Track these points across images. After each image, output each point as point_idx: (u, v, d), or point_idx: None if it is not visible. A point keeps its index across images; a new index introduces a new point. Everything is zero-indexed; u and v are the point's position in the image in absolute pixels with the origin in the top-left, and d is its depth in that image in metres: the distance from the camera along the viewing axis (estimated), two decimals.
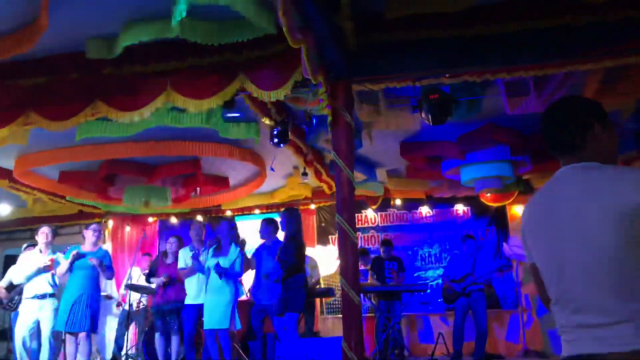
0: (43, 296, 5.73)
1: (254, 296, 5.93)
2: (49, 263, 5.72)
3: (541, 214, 1.66)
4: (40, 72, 4.51)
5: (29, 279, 5.72)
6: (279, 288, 5.34)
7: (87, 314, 5.49)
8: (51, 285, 5.86)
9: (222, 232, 5.80)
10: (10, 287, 6.05)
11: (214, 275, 5.54)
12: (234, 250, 5.66)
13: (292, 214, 5.50)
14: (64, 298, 5.59)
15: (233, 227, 5.80)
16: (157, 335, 6.51)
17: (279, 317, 5.20)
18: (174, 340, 6.43)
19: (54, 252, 5.91)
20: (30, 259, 5.83)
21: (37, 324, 5.69)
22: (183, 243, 6.82)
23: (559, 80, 4.80)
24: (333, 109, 4.30)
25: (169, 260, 6.61)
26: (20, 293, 5.93)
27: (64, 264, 5.65)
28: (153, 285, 6.61)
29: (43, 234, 5.90)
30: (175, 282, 6.54)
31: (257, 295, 5.84)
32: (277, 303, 5.24)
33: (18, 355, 5.59)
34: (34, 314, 5.64)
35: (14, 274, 5.92)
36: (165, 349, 6.49)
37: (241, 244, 5.74)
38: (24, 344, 5.61)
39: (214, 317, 5.44)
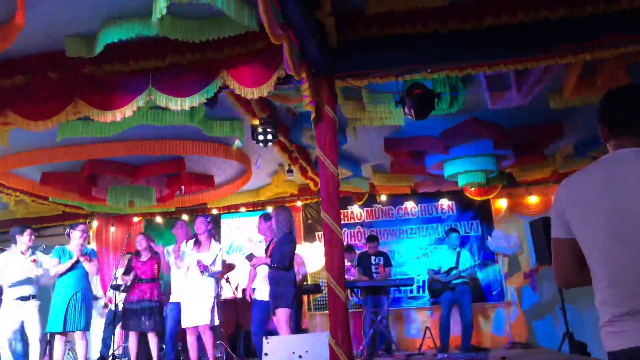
0: (26, 298, 5.66)
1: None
2: (35, 267, 5.66)
3: (600, 190, 1.62)
4: (18, 71, 4.43)
5: (20, 284, 5.65)
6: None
7: (82, 312, 5.48)
8: (33, 287, 5.79)
9: (198, 228, 5.80)
10: None
11: (192, 271, 5.53)
12: (214, 246, 5.66)
13: (282, 212, 5.51)
14: (56, 299, 5.54)
15: (210, 221, 5.78)
16: (131, 334, 6.40)
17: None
18: (151, 338, 6.32)
19: (33, 252, 5.85)
20: (12, 261, 5.74)
21: (22, 326, 5.62)
22: (152, 239, 6.78)
23: (539, 74, 4.86)
24: (316, 105, 4.30)
25: (144, 259, 6.50)
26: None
27: (63, 266, 5.60)
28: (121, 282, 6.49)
29: (29, 236, 5.83)
30: (150, 281, 6.43)
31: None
32: (270, 299, 5.26)
33: (3, 358, 5.52)
34: (18, 316, 5.58)
35: (2, 278, 5.81)
36: (138, 349, 6.38)
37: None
38: (9, 345, 5.54)
39: (195, 314, 5.43)
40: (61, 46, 4.17)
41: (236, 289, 7.86)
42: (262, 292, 5.61)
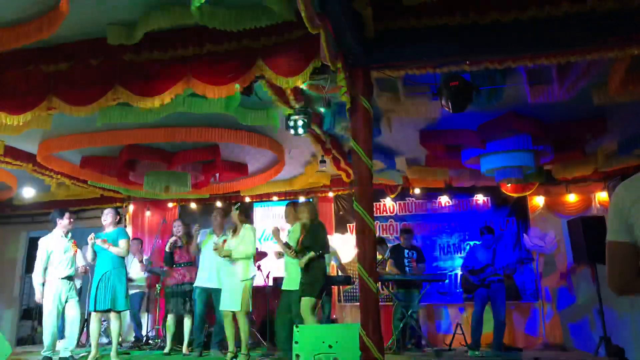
0: (68, 278, 5.87)
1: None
2: (74, 248, 5.90)
3: None
4: (62, 57, 4.56)
5: (61, 264, 5.86)
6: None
7: (110, 292, 5.64)
8: (75, 268, 6.01)
9: (233, 218, 5.91)
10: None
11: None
12: (244, 230, 5.74)
13: (307, 202, 5.62)
14: (93, 279, 5.77)
15: (237, 209, 5.87)
16: (169, 316, 6.62)
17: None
18: (187, 321, 6.55)
19: (72, 235, 6.06)
20: (54, 243, 5.95)
21: (64, 305, 5.84)
22: (187, 225, 6.99)
23: (583, 68, 4.69)
24: (352, 96, 4.27)
25: (180, 244, 6.75)
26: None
27: (89, 251, 5.85)
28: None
29: (68, 219, 6.03)
30: (188, 264, 6.68)
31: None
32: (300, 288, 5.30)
33: (47, 333, 5.73)
34: (64, 294, 5.80)
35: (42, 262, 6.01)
36: (175, 330, 6.62)
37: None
38: (52, 324, 5.75)
39: (230, 299, 5.52)
40: (103, 33, 4.27)
41: (267, 276, 7.93)
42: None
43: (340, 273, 8.04)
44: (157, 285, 7.93)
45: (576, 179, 8.32)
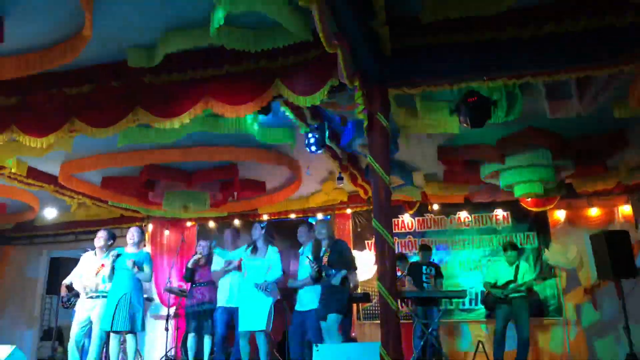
0: (96, 296, 5.88)
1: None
2: (100, 267, 5.90)
3: None
4: (84, 80, 4.66)
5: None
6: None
7: (129, 313, 5.63)
8: (104, 285, 6.00)
9: (255, 235, 5.84)
10: (70, 287, 6.28)
11: (249, 276, 5.59)
12: (271, 252, 5.69)
13: (323, 221, 5.61)
14: (108, 298, 5.75)
15: (263, 227, 5.81)
16: (190, 335, 6.62)
17: (320, 321, 5.18)
18: (207, 340, 6.54)
19: (107, 256, 6.06)
20: (87, 262, 6.02)
21: (90, 323, 5.84)
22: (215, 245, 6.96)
23: (603, 83, 4.65)
24: (369, 113, 4.29)
25: (202, 263, 6.74)
26: (78, 295, 6.12)
27: (107, 267, 5.84)
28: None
29: (98, 239, 6.07)
30: (208, 284, 6.66)
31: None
32: (319, 306, 5.22)
33: (70, 354, 5.75)
34: (87, 313, 5.81)
35: (74, 276, 6.09)
36: (196, 349, 6.60)
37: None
38: (77, 342, 5.77)
39: (250, 319, 5.47)
40: (123, 56, 4.35)
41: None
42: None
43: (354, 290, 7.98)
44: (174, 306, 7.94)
45: (598, 192, 8.20)
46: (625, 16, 3.70)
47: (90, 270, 5.91)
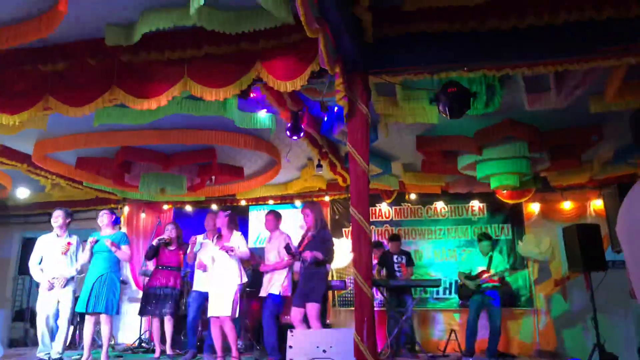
0: (64, 278, 5.79)
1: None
2: (66, 247, 5.79)
3: None
4: (59, 57, 4.54)
5: (55, 265, 5.79)
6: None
7: (105, 295, 5.59)
8: (70, 268, 5.91)
9: (219, 222, 5.85)
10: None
11: (218, 263, 5.61)
12: (235, 235, 5.70)
13: (318, 207, 5.63)
14: (86, 280, 5.69)
15: (227, 215, 5.82)
16: (154, 320, 6.57)
17: (296, 308, 5.22)
18: (167, 323, 6.50)
19: (70, 235, 5.97)
20: (49, 244, 5.89)
21: (57, 306, 5.77)
22: (181, 230, 6.89)
23: (581, 77, 4.71)
24: (349, 101, 4.27)
25: (171, 247, 6.71)
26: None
27: (85, 253, 5.76)
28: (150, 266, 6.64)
29: (55, 218, 5.96)
30: (173, 269, 6.64)
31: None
32: (297, 293, 5.28)
33: (39, 334, 5.67)
34: (56, 296, 5.73)
35: (33, 262, 5.95)
36: (161, 333, 6.57)
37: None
38: (47, 323, 5.69)
39: (217, 305, 5.49)
40: (101, 34, 4.25)
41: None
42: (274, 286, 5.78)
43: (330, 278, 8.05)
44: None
45: (572, 186, 8.36)
46: (604, 11, 3.74)
47: (54, 252, 5.80)
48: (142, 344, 7.89)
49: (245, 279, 5.72)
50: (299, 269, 5.49)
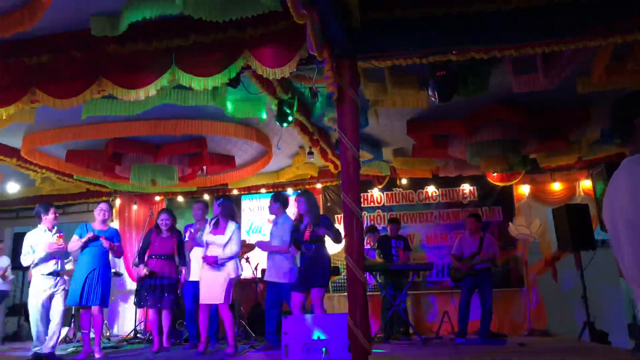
0: (53, 273, 5.78)
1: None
2: (62, 243, 5.74)
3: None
4: (44, 49, 4.49)
5: (47, 260, 5.75)
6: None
7: (99, 288, 5.65)
8: (62, 263, 5.89)
9: (217, 210, 5.83)
10: None
11: (209, 251, 5.62)
12: (230, 227, 5.69)
13: (311, 195, 5.68)
14: (76, 274, 5.71)
15: (220, 204, 5.79)
16: (150, 311, 6.42)
17: (297, 293, 5.25)
18: (165, 315, 6.35)
19: (59, 230, 5.94)
20: (39, 238, 5.85)
21: (50, 300, 5.76)
22: (174, 216, 6.70)
23: (567, 58, 4.73)
24: (339, 87, 4.27)
25: (164, 235, 6.46)
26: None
27: (78, 242, 5.75)
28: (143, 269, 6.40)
29: (53, 214, 5.91)
30: (167, 257, 6.28)
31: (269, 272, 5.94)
32: (299, 279, 5.32)
33: (34, 329, 5.67)
34: (49, 290, 5.71)
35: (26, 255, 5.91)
36: (158, 324, 6.44)
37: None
38: (40, 319, 5.69)
39: (210, 292, 5.51)
40: (86, 25, 4.20)
41: (255, 268, 7.94)
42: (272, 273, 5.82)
43: None
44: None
45: (560, 167, 8.43)
46: None
47: (44, 244, 5.76)
48: (138, 335, 7.92)
49: (240, 272, 5.74)
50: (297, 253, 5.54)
